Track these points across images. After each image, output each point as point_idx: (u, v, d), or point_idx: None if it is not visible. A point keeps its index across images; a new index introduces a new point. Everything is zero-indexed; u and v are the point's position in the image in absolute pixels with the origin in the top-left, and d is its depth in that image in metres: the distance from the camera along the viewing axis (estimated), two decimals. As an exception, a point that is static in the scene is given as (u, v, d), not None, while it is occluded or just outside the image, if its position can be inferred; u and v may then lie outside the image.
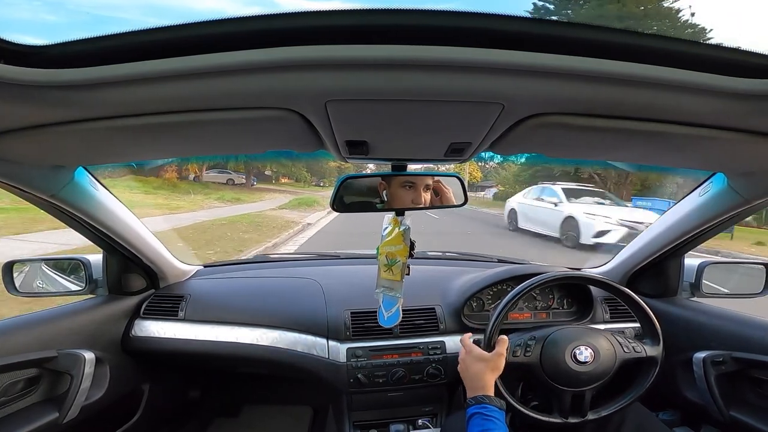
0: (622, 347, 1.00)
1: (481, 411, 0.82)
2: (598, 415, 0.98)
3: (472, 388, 0.89)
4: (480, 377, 0.89)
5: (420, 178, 0.92)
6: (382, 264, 0.97)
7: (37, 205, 0.90)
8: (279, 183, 31.54)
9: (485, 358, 0.91)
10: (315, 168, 32.90)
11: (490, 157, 0.87)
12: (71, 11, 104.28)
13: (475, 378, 0.89)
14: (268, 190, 23.54)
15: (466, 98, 0.49)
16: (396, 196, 0.92)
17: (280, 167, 28.92)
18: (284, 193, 21.71)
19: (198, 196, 15.38)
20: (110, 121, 0.54)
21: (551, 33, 0.42)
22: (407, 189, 0.92)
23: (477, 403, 0.84)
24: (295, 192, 22.47)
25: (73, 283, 1.26)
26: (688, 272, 1.33)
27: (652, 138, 0.61)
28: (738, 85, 0.45)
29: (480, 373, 0.89)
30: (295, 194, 20.03)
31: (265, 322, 1.27)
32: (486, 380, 0.88)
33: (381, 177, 0.92)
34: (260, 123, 0.56)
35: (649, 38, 0.43)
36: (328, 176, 35.27)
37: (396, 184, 0.92)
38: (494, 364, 0.91)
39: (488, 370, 0.90)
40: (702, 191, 1.03)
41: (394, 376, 1.20)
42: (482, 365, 0.90)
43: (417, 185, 0.92)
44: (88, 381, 1.04)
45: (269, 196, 18.88)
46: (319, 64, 0.43)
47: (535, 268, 1.36)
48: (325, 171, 34.31)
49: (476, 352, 0.93)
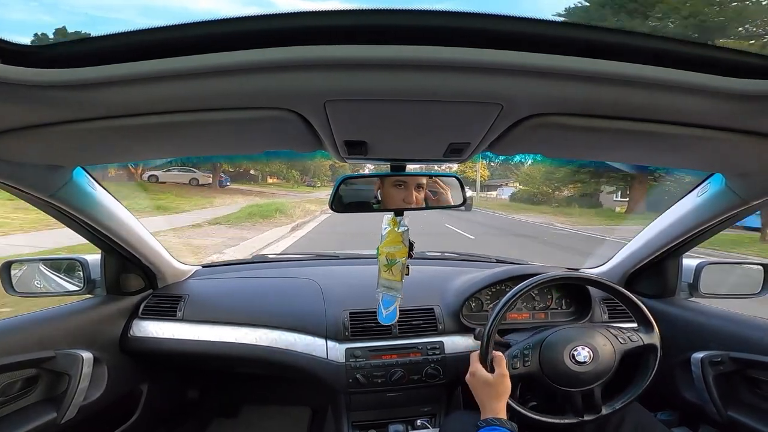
0: (618, 339, 1.00)
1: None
2: (613, 408, 0.98)
3: (484, 411, 0.88)
4: (489, 402, 0.88)
5: (411, 177, 0.92)
6: (382, 264, 0.98)
7: (35, 206, 0.90)
8: (264, 183, 29.58)
9: (490, 382, 0.90)
10: (308, 167, 31.27)
11: (506, 158, 0.87)
12: (67, 12, 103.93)
13: (485, 403, 0.88)
14: (240, 192, 20.33)
15: (464, 98, 0.50)
16: (388, 195, 0.92)
17: (264, 166, 27.26)
18: (262, 195, 18.96)
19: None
20: (109, 121, 0.54)
21: (550, 33, 0.42)
22: (399, 188, 0.93)
23: (488, 425, 0.83)
24: (277, 194, 20.37)
25: (71, 283, 1.26)
26: (686, 272, 1.34)
27: (650, 138, 0.61)
28: (735, 85, 0.45)
29: (489, 398, 0.88)
30: (273, 196, 17.77)
31: (264, 323, 1.27)
32: (495, 406, 0.87)
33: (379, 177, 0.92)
34: (259, 123, 0.56)
35: (648, 38, 0.43)
36: (321, 175, 33.58)
37: (388, 184, 0.92)
38: (501, 388, 0.89)
39: (495, 395, 0.88)
40: (700, 192, 1.03)
41: (393, 377, 1.20)
42: (489, 390, 0.89)
43: (408, 184, 0.93)
44: (86, 381, 1.04)
45: (231, 201, 15.18)
46: (317, 65, 0.43)
47: (533, 269, 1.36)
48: (319, 170, 32.67)
49: (481, 375, 0.91)
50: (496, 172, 35.39)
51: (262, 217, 10.50)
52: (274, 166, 26.81)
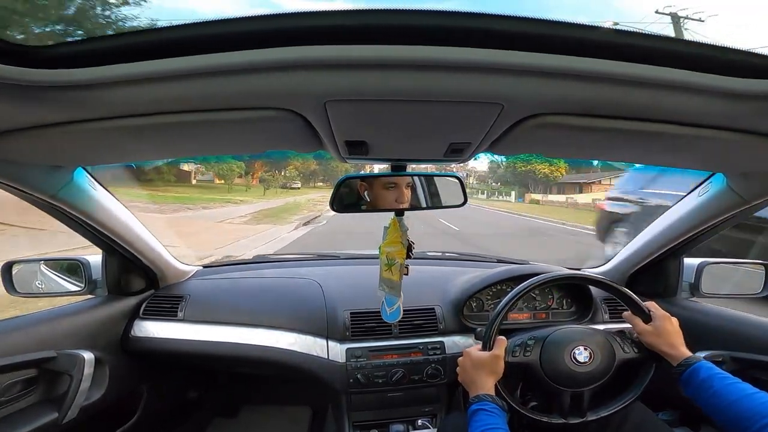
0: (621, 348, 1.00)
1: (484, 407, 0.81)
2: (597, 415, 0.98)
3: (473, 390, 0.88)
4: (479, 381, 0.88)
5: (401, 177, 0.93)
6: (383, 263, 0.99)
7: (36, 206, 0.90)
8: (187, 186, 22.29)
9: (483, 360, 0.91)
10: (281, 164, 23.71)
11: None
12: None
13: (475, 382, 0.89)
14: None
15: (465, 98, 0.49)
16: (379, 196, 0.94)
17: (207, 164, 21.20)
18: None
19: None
20: (109, 121, 0.54)
21: (550, 33, 0.42)
22: (390, 189, 0.94)
23: (479, 400, 0.83)
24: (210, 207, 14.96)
25: (73, 283, 1.26)
26: (687, 272, 1.33)
27: (651, 138, 0.61)
28: (737, 85, 0.45)
29: (479, 377, 0.89)
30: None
31: (265, 323, 1.27)
32: (486, 383, 0.88)
33: (362, 179, 0.93)
34: (260, 123, 0.56)
35: (648, 38, 0.43)
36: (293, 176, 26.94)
37: (379, 185, 0.93)
38: (492, 367, 0.90)
39: (486, 374, 0.89)
40: (701, 191, 1.03)
41: (394, 377, 1.20)
42: (481, 369, 0.90)
43: (399, 185, 0.93)
44: (87, 381, 1.04)
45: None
46: (318, 65, 0.43)
47: (534, 269, 1.36)
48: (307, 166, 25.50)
49: (474, 355, 0.93)
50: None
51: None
52: (217, 167, 20.04)
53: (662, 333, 0.93)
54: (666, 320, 0.94)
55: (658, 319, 0.95)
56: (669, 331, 0.93)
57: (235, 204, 17.25)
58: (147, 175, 12.89)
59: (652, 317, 0.96)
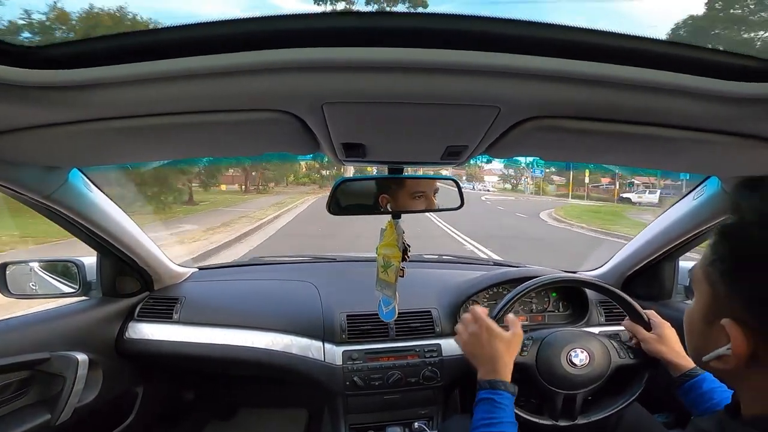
0: (617, 353, 1.00)
1: (494, 397, 0.77)
2: (588, 419, 0.98)
3: (488, 371, 0.81)
4: (500, 359, 0.82)
5: (429, 185, 0.93)
6: (380, 264, 0.99)
7: (31, 207, 0.89)
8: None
9: (505, 337, 0.84)
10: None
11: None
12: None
13: (494, 359, 0.82)
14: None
15: (462, 101, 0.50)
16: (407, 206, 0.94)
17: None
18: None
19: None
20: (105, 122, 0.53)
21: (547, 36, 0.42)
22: (418, 199, 0.93)
23: (492, 387, 0.78)
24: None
25: (67, 285, 1.25)
26: (682, 275, 1.34)
27: (647, 141, 0.61)
28: (733, 88, 0.45)
29: (500, 354, 0.82)
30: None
31: (261, 325, 1.27)
32: (506, 363, 0.81)
33: (382, 191, 0.93)
34: (256, 125, 0.56)
35: (645, 41, 0.44)
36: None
37: (405, 195, 0.92)
38: (515, 346, 0.85)
39: (507, 352, 0.83)
40: (696, 195, 1.04)
41: (390, 379, 1.20)
42: (502, 345, 0.83)
43: (427, 192, 0.93)
44: (81, 383, 1.03)
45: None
46: (315, 67, 0.43)
47: (530, 271, 1.36)
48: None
49: (496, 330, 0.85)
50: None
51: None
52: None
53: (666, 341, 0.93)
54: (666, 327, 0.94)
55: (658, 326, 0.95)
56: (672, 339, 0.93)
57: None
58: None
59: (653, 325, 0.96)
